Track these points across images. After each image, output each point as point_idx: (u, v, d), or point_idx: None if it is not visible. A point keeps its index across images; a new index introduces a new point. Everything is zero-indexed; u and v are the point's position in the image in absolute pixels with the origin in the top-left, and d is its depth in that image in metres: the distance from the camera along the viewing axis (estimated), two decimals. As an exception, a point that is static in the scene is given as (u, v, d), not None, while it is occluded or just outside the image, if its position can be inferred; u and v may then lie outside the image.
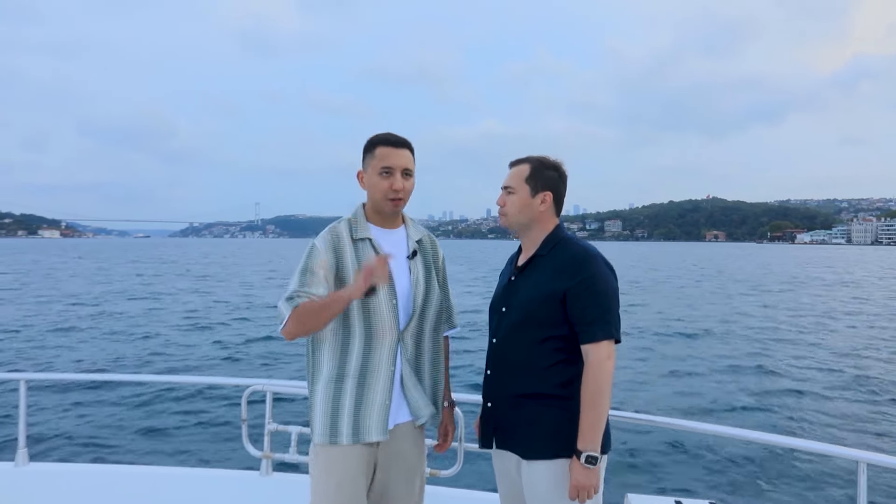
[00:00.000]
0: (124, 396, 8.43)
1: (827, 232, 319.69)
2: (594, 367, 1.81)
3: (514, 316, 1.96)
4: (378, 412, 1.93)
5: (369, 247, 1.98)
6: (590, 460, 1.79)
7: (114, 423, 7.40)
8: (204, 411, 7.82)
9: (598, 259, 1.90)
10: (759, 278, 39.41)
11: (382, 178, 1.96)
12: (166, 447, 6.66)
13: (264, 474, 2.86)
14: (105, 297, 23.71)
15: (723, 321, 17.88)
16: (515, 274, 2.04)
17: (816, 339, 14.74)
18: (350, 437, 1.90)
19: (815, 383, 10.25)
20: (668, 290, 29.22)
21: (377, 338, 1.93)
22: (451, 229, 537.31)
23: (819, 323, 17.83)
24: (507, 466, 2.02)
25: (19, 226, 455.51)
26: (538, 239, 2.01)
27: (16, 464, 2.95)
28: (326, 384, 1.93)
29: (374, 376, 1.93)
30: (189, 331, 15.24)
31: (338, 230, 1.98)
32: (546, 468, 1.87)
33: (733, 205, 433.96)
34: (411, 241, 2.09)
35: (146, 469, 3.12)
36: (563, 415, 1.86)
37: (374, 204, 2.02)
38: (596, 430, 1.81)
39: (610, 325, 1.84)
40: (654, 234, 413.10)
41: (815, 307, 22.14)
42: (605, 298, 1.85)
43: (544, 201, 2.00)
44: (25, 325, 15.61)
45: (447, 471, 2.68)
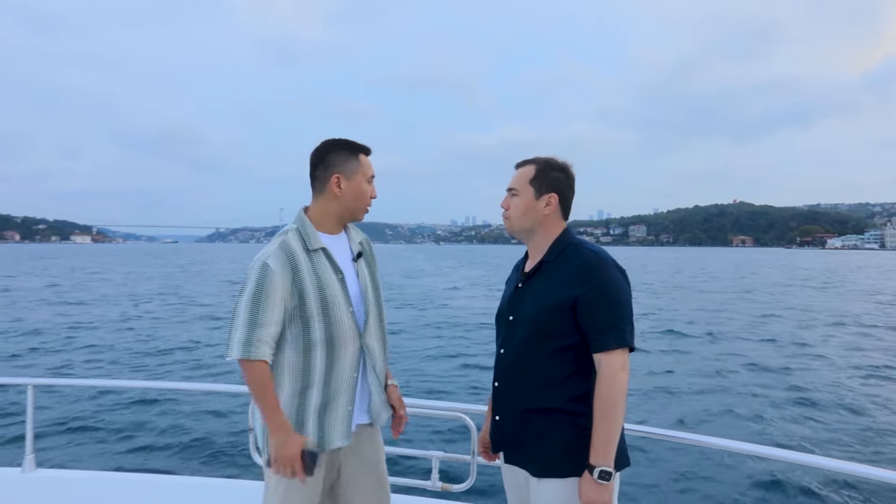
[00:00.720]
0: (132, 402, 8.45)
1: (859, 237, 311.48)
2: (607, 377, 1.73)
3: (522, 326, 1.88)
4: (342, 419, 1.92)
5: (323, 257, 1.94)
6: (603, 476, 1.70)
7: (121, 430, 7.41)
8: (211, 419, 7.80)
9: (610, 264, 1.82)
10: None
11: (368, 185, 2.00)
12: (173, 455, 6.67)
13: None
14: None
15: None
16: (522, 281, 1.96)
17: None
18: (316, 447, 1.89)
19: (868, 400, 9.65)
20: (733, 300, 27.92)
21: (339, 348, 1.91)
22: (473, 234, 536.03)
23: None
24: (517, 482, 1.95)
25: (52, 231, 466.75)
26: (544, 244, 1.93)
27: (23, 469, 2.94)
28: (290, 397, 1.89)
29: (337, 385, 1.91)
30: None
31: (290, 245, 1.90)
32: (557, 487, 1.80)
33: (761, 209, 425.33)
34: (354, 243, 2.09)
35: (152, 477, 3.10)
36: (576, 431, 1.78)
37: (349, 210, 2.00)
38: (609, 444, 1.72)
39: (623, 332, 1.76)
40: (679, 240, 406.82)
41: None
42: (617, 305, 1.77)
43: (549, 204, 1.92)
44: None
45: (459, 485, 2.61)
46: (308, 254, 1.92)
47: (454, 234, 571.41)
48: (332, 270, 1.94)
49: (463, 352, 13.26)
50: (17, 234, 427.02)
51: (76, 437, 7.21)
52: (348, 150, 1.99)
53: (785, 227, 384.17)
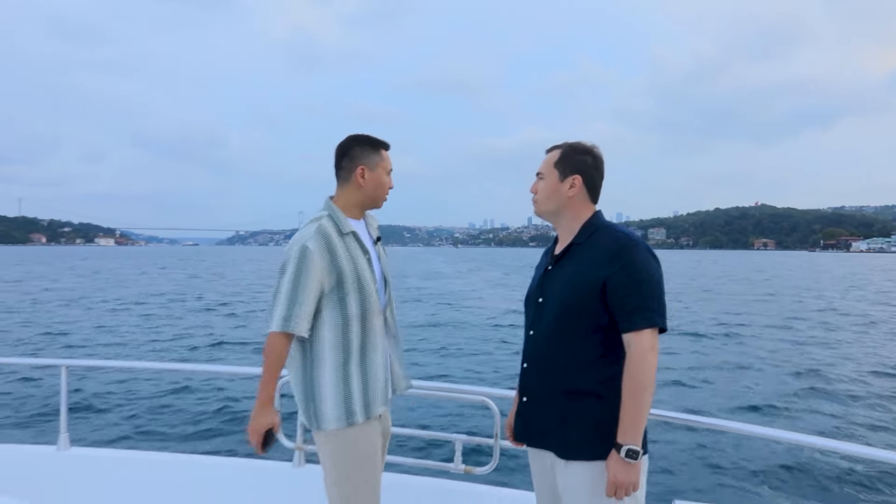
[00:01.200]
0: (163, 384, 8.77)
1: (885, 240, 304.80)
2: (636, 357, 1.73)
3: (552, 308, 1.89)
4: (381, 387, 2.11)
5: (353, 240, 2.12)
6: (630, 454, 1.71)
7: (152, 411, 7.68)
8: (240, 401, 8.04)
9: (640, 245, 1.83)
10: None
11: (388, 177, 2.20)
12: (203, 436, 6.88)
13: (297, 465, 2.91)
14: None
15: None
16: (552, 264, 1.97)
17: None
18: (363, 415, 2.05)
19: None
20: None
21: (370, 319, 2.09)
22: (491, 237, 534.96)
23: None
24: (544, 465, 1.95)
25: (77, 234, 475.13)
26: (574, 227, 1.94)
27: (58, 448, 3.05)
28: (334, 371, 2.04)
29: (372, 356, 2.09)
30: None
31: (325, 229, 2.07)
32: (584, 469, 1.80)
33: (783, 212, 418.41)
34: (372, 229, 2.29)
35: (182, 457, 3.18)
36: (604, 414, 1.78)
37: (369, 200, 2.19)
38: (638, 423, 1.72)
39: (653, 312, 1.76)
40: (699, 243, 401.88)
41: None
42: (647, 286, 1.77)
43: (573, 185, 1.93)
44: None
45: (482, 468, 2.64)
46: (342, 237, 2.09)
47: (472, 236, 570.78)
48: (361, 251, 2.12)
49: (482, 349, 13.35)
50: (43, 237, 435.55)
51: (110, 417, 7.50)
52: (371, 145, 2.17)
53: (808, 229, 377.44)
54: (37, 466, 3.05)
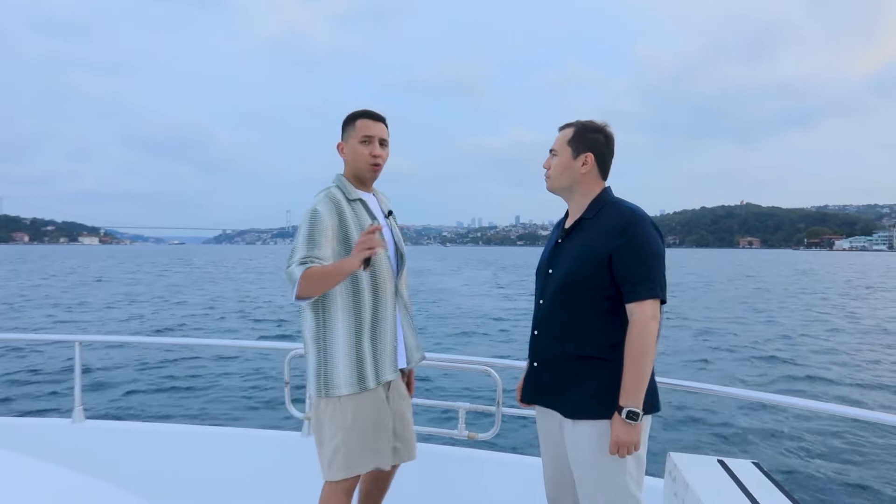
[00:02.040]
0: (173, 359, 8.94)
1: (867, 238, 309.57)
2: (638, 325, 1.82)
3: (561, 278, 1.96)
4: (390, 354, 2.13)
5: (361, 207, 2.15)
6: (631, 416, 1.79)
7: (164, 385, 7.82)
8: (250, 374, 8.21)
9: (646, 220, 1.91)
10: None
11: (364, 145, 2.15)
12: (213, 407, 6.98)
13: (306, 434, 2.96)
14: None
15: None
16: (563, 237, 2.05)
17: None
18: (374, 381, 2.07)
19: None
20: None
21: (381, 287, 2.11)
22: (479, 236, 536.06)
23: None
24: (551, 425, 2.03)
25: (61, 233, 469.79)
26: (584, 202, 2.01)
27: (73, 420, 3.10)
28: (346, 338, 2.05)
29: (383, 324, 2.11)
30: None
31: (333, 194, 2.12)
32: (590, 428, 1.88)
33: (768, 211, 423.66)
34: (384, 204, 2.30)
35: (194, 428, 3.21)
36: (609, 376, 1.86)
37: (356, 171, 2.18)
38: (638, 386, 1.80)
39: (655, 284, 1.84)
40: (686, 241, 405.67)
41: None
42: (651, 259, 1.85)
43: (586, 163, 1.99)
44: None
45: (485, 433, 2.72)
46: (349, 203, 2.13)
47: (460, 235, 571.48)
48: (371, 219, 2.14)
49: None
50: (25, 236, 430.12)
51: (122, 391, 7.63)
52: (350, 119, 2.20)
53: (792, 228, 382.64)
54: (53, 439, 3.09)
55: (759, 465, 2.01)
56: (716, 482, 1.84)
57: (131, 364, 8.76)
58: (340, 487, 2.05)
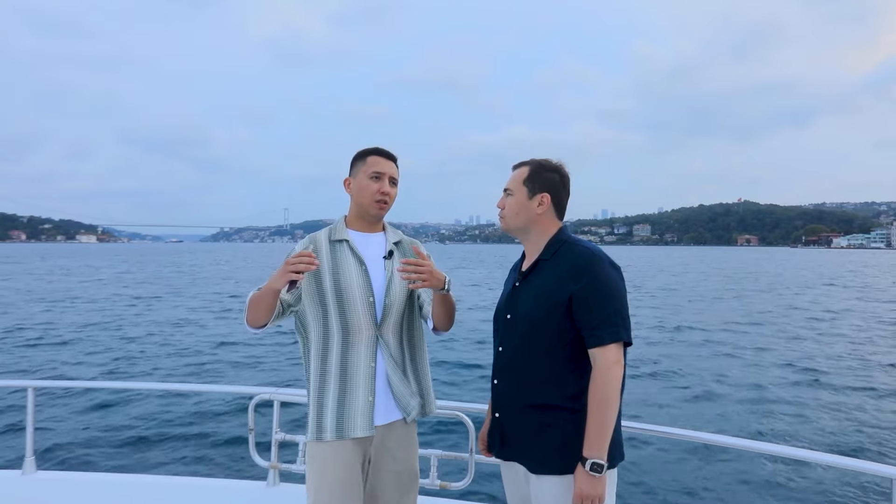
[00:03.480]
0: (131, 404, 8.40)
1: (865, 236, 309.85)
2: (601, 371, 1.76)
3: (520, 324, 1.91)
4: (362, 409, 1.99)
5: (346, 248, 2.08)
6: (595, 468, 1.73)
7: (120, 431, 7.37)
8: (211, 420, 7.76)
9: (604, 260, 1.85)
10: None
11: (372, 181, 2.09)
12: (174, 456, 6.65)
13: (272, 484, 2.82)
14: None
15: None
16: (519, 280, 1.99)
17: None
18: (333, 433, 1.97)
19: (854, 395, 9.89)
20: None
21: (354, 334, 2.01)
22: (478, 233, 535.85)
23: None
24: (516, 477, 1.98)
25: (58, 231, 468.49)
26: (540, 243, 1.97)
27: (23, 472, 2.93)
28: (314, 383, 2.02)
29: (353, 373, 2.00)
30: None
31: (317, 235, 2.13)
32: (554, 484, 1.82)
33: (766, 208, 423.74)
34: (389, 243, 2.17)
35: (153, 478, 3.08)
36: (573, 428, 1.80)
37: (360, 208, 2.12)
38: (602, 436, 1.74)
39: (617, 327, 1.78)
40: (683, 239, 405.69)
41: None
42: (611, 300, 1.79)
43: (542, 203, 1.95)
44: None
45: (458, 483, 2.62)
46: (331, 244, 2.09)
47: (458, 233, 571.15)
48: (356, 261, 2.06)
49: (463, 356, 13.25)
50: (23, 234, 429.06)
51: (76, 439, 7.17)
52: (361, 155, 2.14)
53: (790, 226, 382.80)
54: (2, 491, 2.93)
55: None
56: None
57: (87, 409, 8.24)
58: None
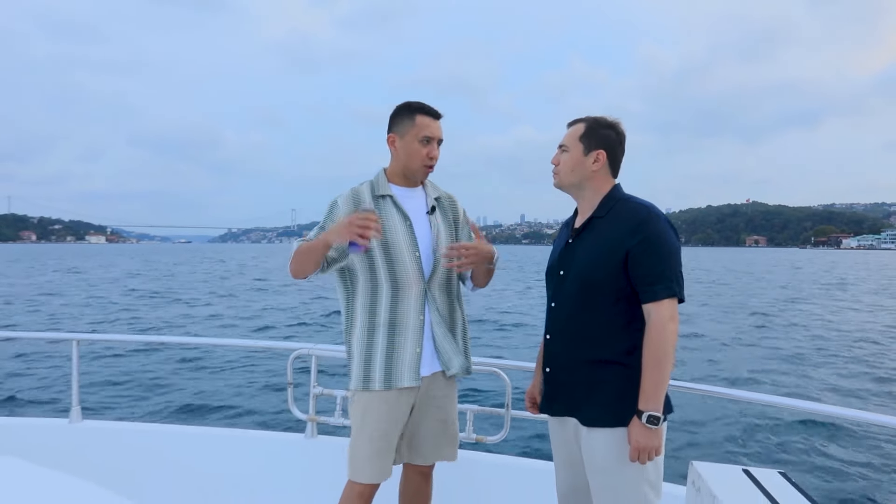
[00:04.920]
0: (173, 358, 8.75)
1: (875, 236, 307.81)
2: (656, 326, 1.75)
3: (574, 280, 1.90)
4: (409, 360, 2.02)
5: (390, 203, 2.06)
6: (651, 420, 1.73)
7: (163, 384, 7.67)
8: (251, 374, 8.05)
9: (660, 217, 1.84)
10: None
11: (422, 146, 2.04)
12: (214, 408, 6.84)
13: (309, 436, 2.90)
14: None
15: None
16: (573, 237, 1.97)
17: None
18: (382, 383, 2.00)
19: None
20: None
21: (403, 288, 2.02)
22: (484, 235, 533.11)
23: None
24: (566, 433, 1.96)
25: (68, 231, 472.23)
26: (594, 200, 1.94)
27: (70, 420, 3.05)
28: (360, 335, 2.04)
29: (403, 326, 2.02)
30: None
31: (359, 189, 2.09)
32: (607, 436, 1.82)
33: (775, 209, 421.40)
34: (430, 199, 2.16)
35: (193, 429, 3.15)
36: (627, 382, 1.79)
37: (406, 169, 2.09)
38: (658, 390, 1.74)
39: (673, 283, 1.77)
40: (692, 240, 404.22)
41: None
42: (667, 257, 1.79)
43: (597, 160, 1.92)
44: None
45: (493, 437, 2.68)
46: (375, 199, 2.06)
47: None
48: (400, 217, 2.05)
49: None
50: (33, 235, 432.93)
51: (121, 391, 7.49)
52: (408, 111, 2.07)
53: (799, 227, 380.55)
54: (50, 439, 3.03)
55: (787, 475, 1.94)
56: (743, 494, 1.77)
57: (130, 363, 8.63)
58: (355, 491, 2.01)
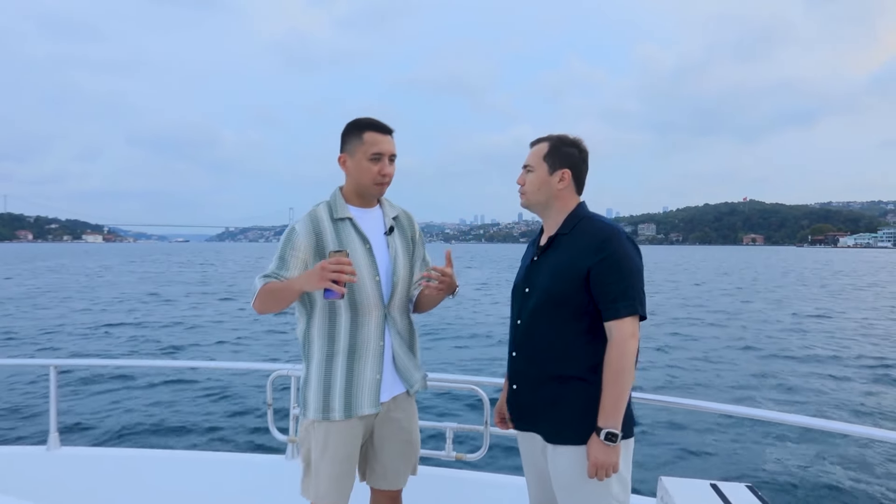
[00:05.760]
0: (152, 382, 8.62)
1: (872, 235, 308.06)
2: (617, 343, 1.78)
3: (538, 296, 1.92)
4: (370, 387, 2.00)
5: (350, 226, 2.03)
6: (609, 437, 1.76)
7: (142, 409, 7.56)
8: (230, 396, 7.97)
9: (622, 235, 1.87)
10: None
11: (372, 163, 2.00)
12: (193, 432, 6.80)
13: (290, 458, 2.89)
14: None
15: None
16: (538, 254, 2.01)
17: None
18: (342, 413, 1.97)
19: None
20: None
21: (363, 314, 1.99)
22: (482, 233, 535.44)
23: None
24: (533, 448, 2.00)
25: (64, 231, 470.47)
26: (559, 218, 1.97)
27: (48, 448, 3.00)
28: (319, 363, 1.99)
29: (363, 352, 1.99)
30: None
31: (317, 213, 2.03)
32: (572, 453, 1.84)
33: (771, 207, 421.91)
34: (388, 218, 2.12)
35: (173, 453, 3.14)
36: (590, 398, 1.82)
37: (359, 188, 2.05)
38: (617, 407, 1.77)
39: (634, 301, 1.80)
40: (689, 238, 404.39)
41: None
42: (628, 275, 1.82)
43: (563, 179, 1.96)
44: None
45: (473, 454, 2.67)
46: (334, 222, 2.02)
47: (463, 232, 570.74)
48: (359, 240, 2.02)
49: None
50: (29, 234, 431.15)
51: (100, 416, 7.37)
52: (356, 129, 2.02)
53: (796, 225, 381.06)
54: (27, 467, 2.99)
55: (754, 488, 1.98)
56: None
57: (108, 387, 8.47)
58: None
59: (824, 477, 5.58)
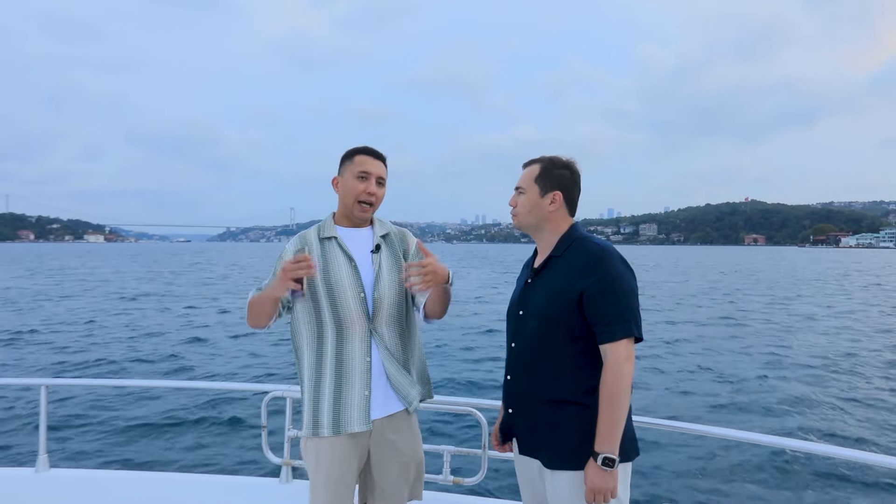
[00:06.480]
0: (145, 402, 8.42)
1: (874, 235, 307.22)
2: (612, 367, 1.77)
3: (532, 319, 1.92)
4: (358, 403, 2.01)
5: (335, 245, 2.10)
6: (607, 462, 1.75)
7: (134, 429, 7.38)
8: (224, 418, 7.79)
9: (615, 257, 1.86)
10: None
11: (358, 181, 2.09)
12: (186, 453, 6.67)
13: (284, 481, 2.85)
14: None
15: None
16: (532, 277, 2.01)
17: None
18: (330, 429, 1.99)
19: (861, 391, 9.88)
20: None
21: (347, 330, 2.03)
22: (483, 233, 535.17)
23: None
24: (530, 472, 1.99)
25: (66, 231, 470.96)
26: (552, 240, 1.98)
27: (36, 469, 2.94)
28: (308, 379, 2.07)
29: (349, 368, 2.02)
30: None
31: (307, 233, 2.17)
32: (570, 478, 1.83)
33: (773, 207, 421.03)
34: (376, 237, 2.17)
35: (166, 475, 3.09)
36: (587, 423, 1.81)
37: (345, 208, 2.14)
38: (614, 432, 1.76)
39: (629, 322, 1.79)
40: (690, 238, 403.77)
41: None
42: (622, 297, 1.81)
43: (554, 201, 1.97)
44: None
45: (471, 479, 2.64)
46: (321, 241, 2.12)
47: (464, 232, 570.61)
48: (344, 258, 2.08)
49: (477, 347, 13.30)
50: (31, 234, 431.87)
51: (89, 437, 7.20)
52: (350, 154, 2.15)
53: (798, 225, 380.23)
54: (15, 489, 2.94)
55: None
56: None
57: (100, 407, 8.26)
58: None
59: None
